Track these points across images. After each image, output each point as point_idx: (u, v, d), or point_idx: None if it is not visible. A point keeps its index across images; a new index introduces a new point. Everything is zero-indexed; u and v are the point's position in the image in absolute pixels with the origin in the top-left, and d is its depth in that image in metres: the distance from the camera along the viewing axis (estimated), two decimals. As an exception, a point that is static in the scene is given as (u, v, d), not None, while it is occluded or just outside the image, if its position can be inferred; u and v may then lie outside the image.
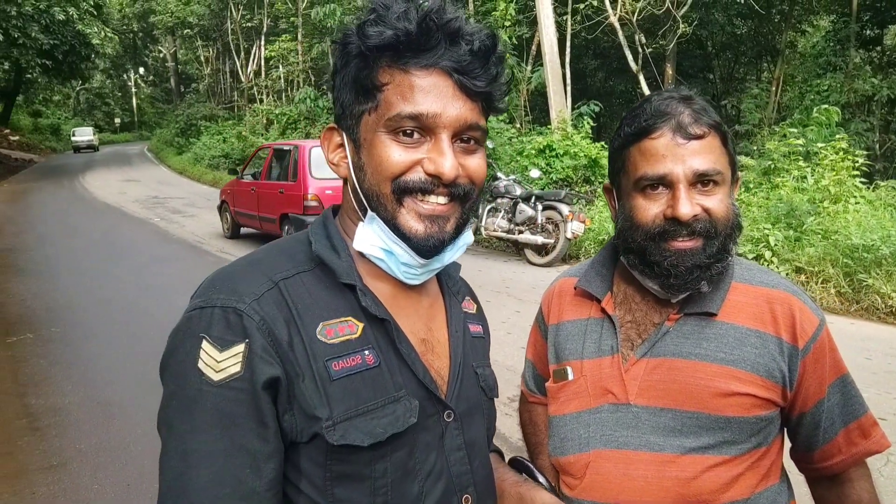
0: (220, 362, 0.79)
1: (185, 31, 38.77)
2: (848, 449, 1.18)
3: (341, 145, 0.94)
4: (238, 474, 0.78)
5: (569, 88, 15.66)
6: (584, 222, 8.95)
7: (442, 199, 0.89)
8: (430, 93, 0.86)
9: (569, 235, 8.82)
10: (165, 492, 0.79)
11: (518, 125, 15.94)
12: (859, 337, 5.86)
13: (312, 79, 28.22)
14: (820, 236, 7.57)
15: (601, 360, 1.23)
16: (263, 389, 0.79)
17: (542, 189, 10.83)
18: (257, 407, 0.79)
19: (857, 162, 8.85)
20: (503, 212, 9.74)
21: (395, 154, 0.87)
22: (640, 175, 1.13)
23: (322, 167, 9.46)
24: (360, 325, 0.89)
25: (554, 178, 11.86)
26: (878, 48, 16.54)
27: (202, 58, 42.88)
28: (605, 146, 12.68)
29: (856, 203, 8.30)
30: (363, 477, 0.85)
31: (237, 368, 0.79)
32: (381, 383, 0.87)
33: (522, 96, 16.89)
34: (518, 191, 9.75)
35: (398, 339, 0.91)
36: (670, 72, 15.59)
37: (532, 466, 1.19)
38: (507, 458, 1.25)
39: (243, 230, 11.89)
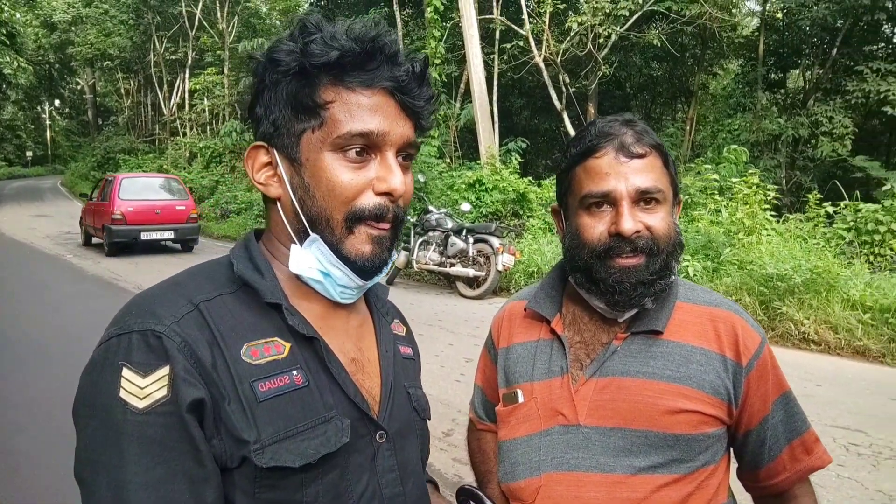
0: (143, 388, 0.76)
1: (105, 63, 37.50)
2: (792, 465, 1.20)
3: (268, 164, 0.92)
4: (179, 500, 0.75)
5: (496, 125, 16.02)
6: (514, 255, 9.09)
7: (387, 224, 0.91)
8: (377, 112, 0.87)
9: (500, 268, 8.92)
10: None
11: (448, 160, 16.14)
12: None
13: (238, 112, 27.80)
14: (736, 266, 7.93)
15: (551, 381, 1.23)
16: (188, 412, 0.76)
17: (473, 222, 10.97)
18: (186, 430, 0.76)
19: (769, 195, 9.39)
20: (435, 245, 9.77)
21: (346, 176, 0.87)
22: (585, 193, 1.16)
23: (127, 190, 13.84)
24: (287, 346, 0.87)
25: (484, 212, 12.05)
26: (783, 90, 17.75)
27: (122, 90, 41.58)
28: (532, 182, 13.02)
29: (768, 235, 8.77)
30: (294, 502, 0.82)
31: (164, 392, 0.76)
32: (311, 404, 0.86)
33: (452, 132, 17.16)
34: (449, 224, 9.82)
35: (328, 358, 0.89)
36: (592, 111, 16.21)
37: (481, 494, 1.18)
38: (439, 487, 1.22)
39: (94, 240, 15.10)
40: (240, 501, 0.81)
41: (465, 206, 10.81)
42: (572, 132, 16.10)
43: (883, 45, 15.57)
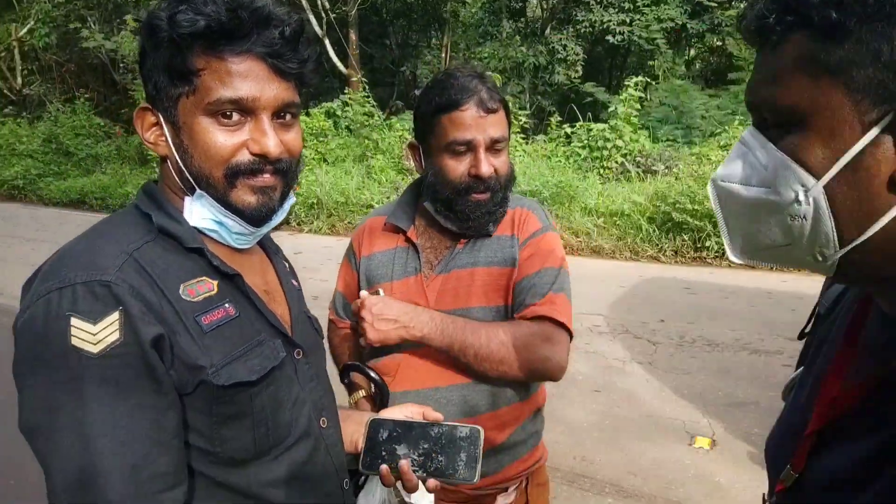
0: (95, 335, 0.80)
1: None
2: (532, 310, 1.48)
3: (156, 124, 0.96)
4: (143, 433, 0.82)
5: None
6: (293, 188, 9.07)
7: (268, 176, 0.96)
8: (248, 77, 0.91)
9: (278, 201, 8.86)
10: (67, 474, 0.80)
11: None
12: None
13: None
14: (496, 185, 8.81)
15: (407, 279, 1.56)
16: (151, 348, 0.83)
17: (243, 156, 10.59)
18: (148, 365, 0.83)
19: (521, 121, 10.40)
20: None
21: (220, 138, 0.92)
22: (451, 140, 1.44)
23: None
24: (215, 283, 0.96)
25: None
26: (523, 19, 19.14)
27: None
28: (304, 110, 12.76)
29: (520, 156, 9.80)
30: (245, 414, 0.94)
31: (116, 336, 0.81)
32: (246, 330, 0.97)
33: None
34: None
35: (249, 291, 1.00)
36: (354, 37, 16.16)
37: (362, 365, 1.47)
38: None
39: None
40: (195, 420, 0.90)
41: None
42: (336, 59, 15.98)
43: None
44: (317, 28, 15.87)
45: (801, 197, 0.64)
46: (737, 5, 13.24)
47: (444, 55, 18.59)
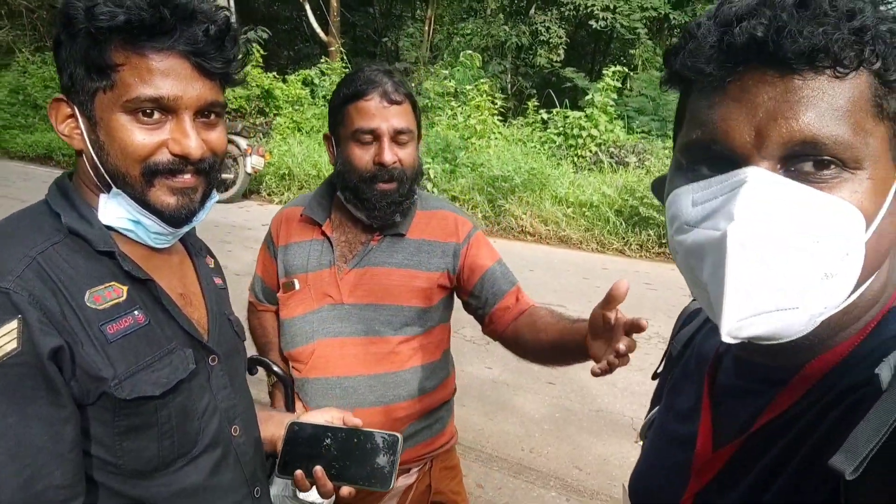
0: None
1: None
2: (515, 305, 1.62)
3: (71, 116, 0.92)
4: (38, 444, 0.80)
5: (233, 10, 14.98)
6: (263, 156, 8.98)
7: (188, 176, 0.94)
8: (169, 75, 0.88)
9: (248, 170, 8.80)
10: None
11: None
12: (500, 252, 7.17)
13: None
14: (469, 168, 8.84)
15: (321, 272, 1.61)
16: (49, 360, 0.81)
17: (216, 121, 10.41)
18: (46, 376, 0.81)
19: (497, 103, 10.38)
20: (176, 146, 9.15)
21: (139, 137, 0.88)
22: (356, 128, 1.50)
23: None
24: (125, 288, 0.92)
25: (227, 109, 11.47)
26: (508, -4, 19.01)
27: None
28: (278, 77, 12.60)
29: (496, 139, 9.80)
30: (150, 425, 0.91)
31: (14, 345, 0.78)
32: (155, 338, 0.94)
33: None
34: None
35: (161, 296, 0.97)
36: (335, 3, 15.88)
37: (268, 361, 1.55)
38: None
39: None
40: (97, 431, 0.88)
41: (207, 104, 10.22)
42: (315, 25, 15.70)
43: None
44: (298, -8, 15.57)
45: (851, 249, 0.59)
46: None
47: (426, 28, 18.36)
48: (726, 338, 0.60)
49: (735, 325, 0.59)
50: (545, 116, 10.62)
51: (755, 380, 0.73)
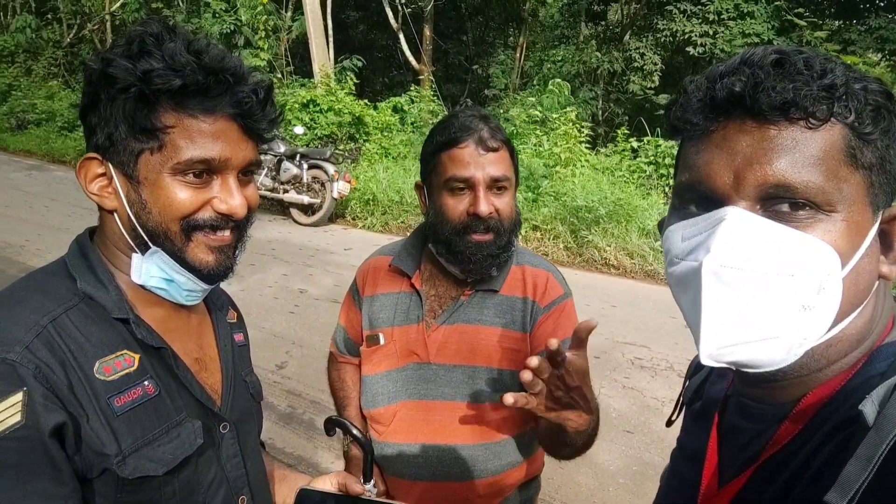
0: None
1: None
2: None
3: (103, 175, 0.91)
4: None
5: (331, 39, 15.52)
6: (349, 182, 9.11)
7: (227, 233, 0.95)
8: (219, 138, 0.89)
9: (335, 195, 8.93)
10: None
11: (279, 75, 15.46)
12: (581, 286, 6.91)
13: (32, 4, 24.24)
14: (552, 198, 8.64)
15: (408, 327, 1.50)
16: (51, 437, 0.79)
17: (307, 146, 10.76)
18: (47, 453, 0.79)
19: (584, 132, 10.16)
20: (267, 169, 9.42)
21: (185, 195, 0.89)
22: (450, 176, 1.40)
23: None
24: (137, 357, 0.91)
25: (319, 135, 11.82)
26: (603, 23, 18.76)
27: None
28: (369, 104, 12.89)
29: (581, 167, 9.56)
30: (154, 502, 0.89)
31: (18, 418, 0.77)
32: (164, 410, 0.92)
33: (283, 45, 16.35)
34: (282, 148, 9.51)
35: (175, 364, 0.95)
36: (428, 33, 16.16)
37: (347, 422, 1.41)
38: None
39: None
40: None
41: (299, 129, 10.58)
42: (408, 53, 16.03)
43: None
44: (392, 21, 15.96)
45: (826, 284, 0.64)
46: (829, 25, 12.53)
47: (518, 55, 18.40)
48: (706, 360, 0.67)
49: (715, 350, 0.66)
50: (635, 145, 10.29)
51: (758, 418, 0.77)
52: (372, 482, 1.23)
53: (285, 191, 9.31)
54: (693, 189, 0.70)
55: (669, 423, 0.99)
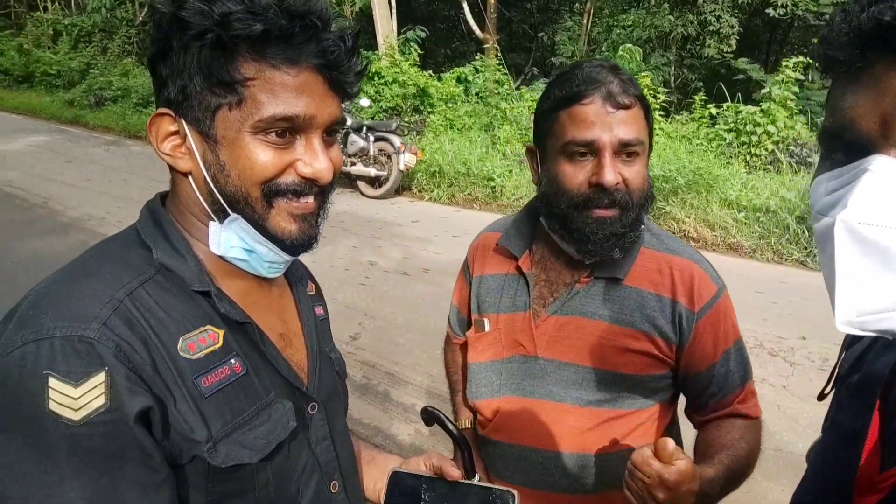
0: (77, 399, 0.68)
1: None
2: (725, 410, 1.29)
3: (176, 133, 0.82)
4: None
5: (394, 11, 15.38)
6: (416, 154, 9.03)
7: (311, 199, 0.86)
8: (304, 93, 0.80)
9: (402, 167, 8.88)
10: None
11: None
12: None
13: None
14: (627, 167, 8.31)
15: (515, 314, 1.33)
16: (136, 422, 0.71)
17: (372, 118, 10.72)
18: (135, 437, 0.71)
19: (659, 98, 9.73)
20: (334, 142, 9.46)
21: (268, 157, 0.80)
22: (569, 139, 1.18)
23: None
24: (221, 333, 0.83)
25: (383, 107, 11.76)
26: (676, -15, 17.97)
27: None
28: (433, 75, 12.74)
29: (656, 135, 9.16)
30: (246, 491, 0.82)
31: (102, 401, 0.69)
32: (252, 390, 0.84)
33: (347, 17, 16.33)
34: (348, 120, 9.47)
35: (262, 341, 0.87)
36: (492, 0, 15.81)
37: (444, 417, 1.27)
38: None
39: None
40: (193, 498, 0.79)
41: (364, 102, 10.53)
42: (472, 22, 15.73)
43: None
44: (457, -10, 15.67)
45: None
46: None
47: (585, 21, 17.82)
48: (842, 327, 0.61)
49: (855, 318, 0.60)
50: (714, 111, 9.78)
51: None
52: (476, 477, 1.09)
53: (352, 163, 9.30)
54: (837, 135, 0.64)
55: (821, 396, 0.92)
